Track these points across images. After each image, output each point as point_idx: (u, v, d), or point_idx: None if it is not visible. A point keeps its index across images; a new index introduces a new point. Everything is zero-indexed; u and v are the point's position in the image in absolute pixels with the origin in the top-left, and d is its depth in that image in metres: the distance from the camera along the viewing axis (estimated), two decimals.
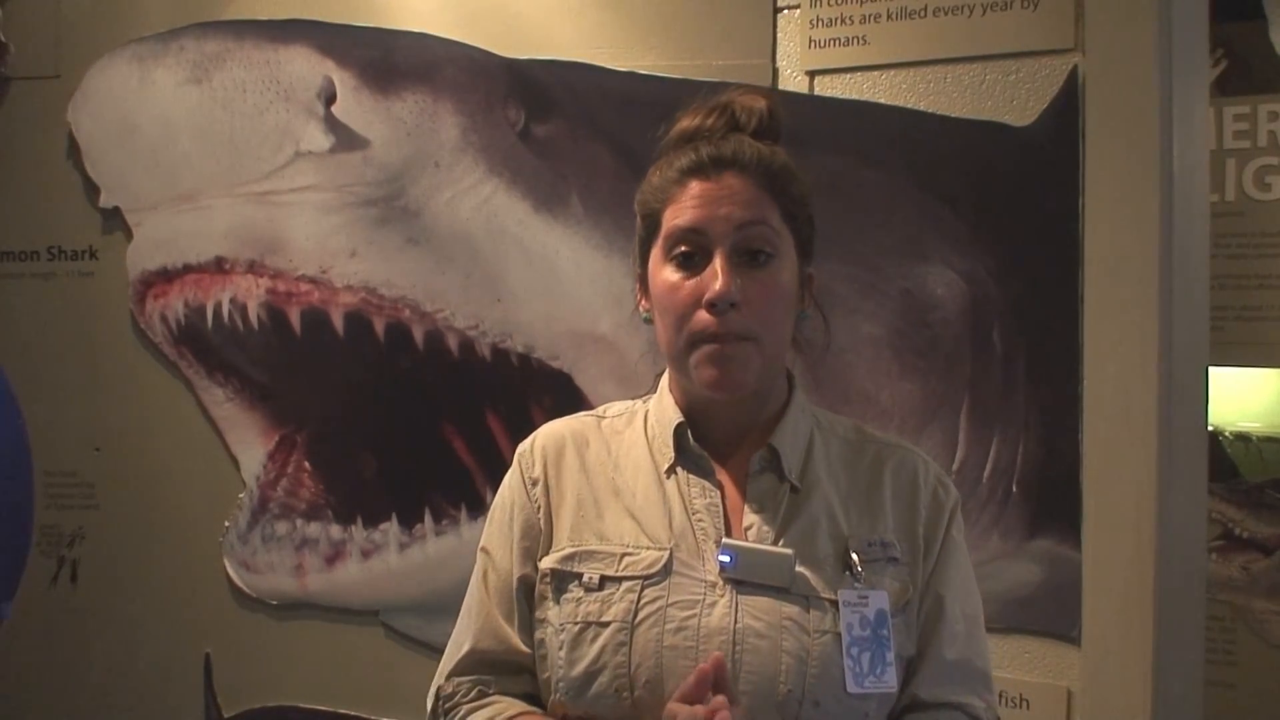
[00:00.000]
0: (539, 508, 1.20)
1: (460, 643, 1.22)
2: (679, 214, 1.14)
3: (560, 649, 1.13)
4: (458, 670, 1.21)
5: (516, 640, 1.19)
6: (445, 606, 2.13)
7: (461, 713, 1.18)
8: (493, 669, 1.20)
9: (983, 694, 1.17)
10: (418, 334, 2.13)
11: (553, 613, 1.16)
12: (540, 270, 2.09)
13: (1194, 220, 1.87)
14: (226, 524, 2.28)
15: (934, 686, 1.15)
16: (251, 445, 2.27)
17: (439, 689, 1.21)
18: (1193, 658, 1.89)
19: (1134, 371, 1.77)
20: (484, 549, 1.24)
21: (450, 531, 2.15)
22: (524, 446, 1.25)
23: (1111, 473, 1.78)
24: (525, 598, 1.19)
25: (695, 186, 1.15)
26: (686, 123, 1.22)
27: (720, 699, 1.01)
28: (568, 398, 2.06)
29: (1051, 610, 1.84)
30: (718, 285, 1.10)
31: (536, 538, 1.20)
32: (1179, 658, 1.80)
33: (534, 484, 1.21)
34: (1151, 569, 1.74)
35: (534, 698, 1.19)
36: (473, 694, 1.19)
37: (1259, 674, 3.35)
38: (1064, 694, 1.82)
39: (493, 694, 1.19)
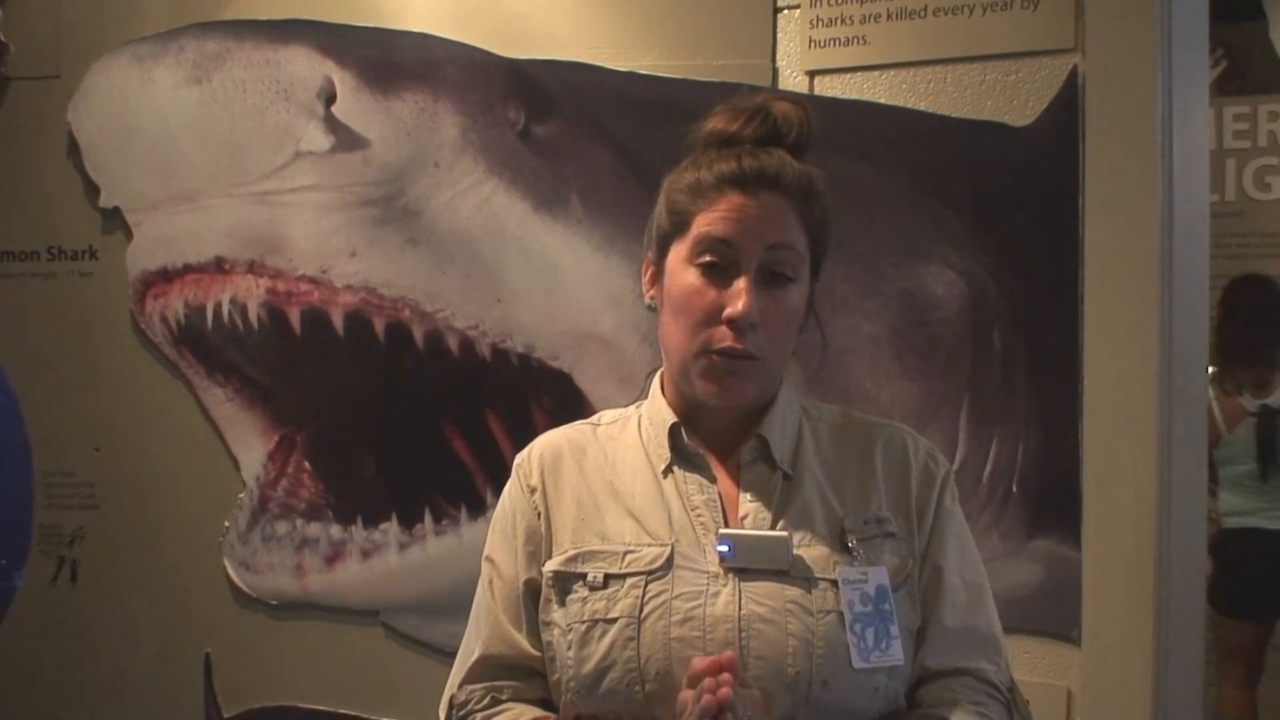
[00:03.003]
0: (539, 514, 1.21)
1: (470, 651, 1.22)
2: (712, 222, 1.14)
3: (569, 649, 1.14)
4: (470, 678, 1.21)
5: (526, 644, 1.19)
6: (445, 606, 2.15)
7: None
8: (505, 674, 1.20)
9: (991, 657, 1.18)
10: (418, 334, 2.13)
11: (558, 614, 1.16)
12: (540, 270, 2.09)
13: (1194, 220, 1.87)
14: (226, 524, 2.28)
15: (939, 655, 1.16)
16: (251, 445, 2.27)
17: (452, 698, 1.22)
18: (1193, 658, 1.89)
19: (1134, 371, 1.77)
20: (488, 558, 1.25)
21: (450, 531, 2.15)
22: (521, 456, 1.27)
23: (1111, 473, 1.78)
24: (532, 602, 1.20)
25: (733, 198, 1.14)
26: (724, 125, 1.20)
27: (726, 675, 1.02)
28: (568, 398, 2.07)
29: (1051, 610, 1.84)
30: (741, 305, 1.12)
31: (539, 542, 1.21)
32: (1179, 658, 1.80)
33: (532, 491, 1.23)
34: (1151, 569, 1.75)
35: (548, 702, 1.20)
36: (486, 700, 1.20)
37: None
38: (1064, 694, 1.82)
39: (506, 700, 1.19)
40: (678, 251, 1.17)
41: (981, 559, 1.24)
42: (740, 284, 1.12)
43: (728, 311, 1.12)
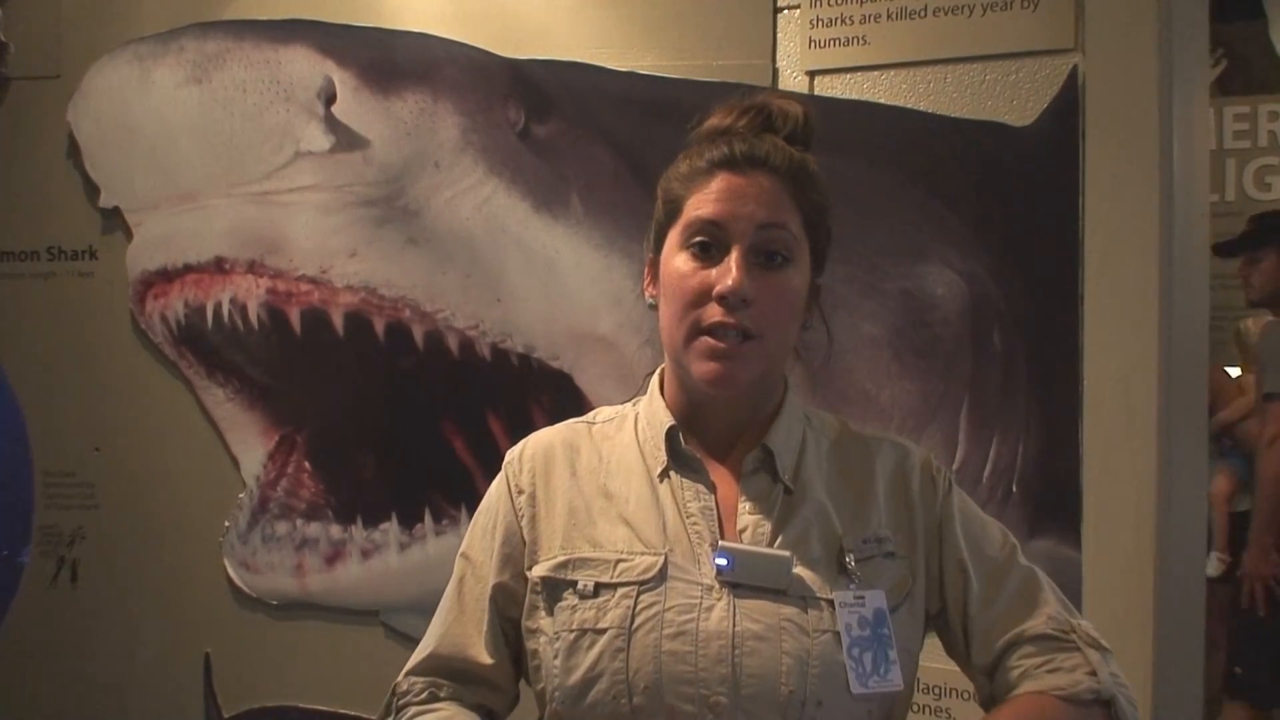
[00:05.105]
0: (522, 517, 1.19)
1: (426, 644, 1.22)
2: (702, 204, 1.13)
3: (555, 658, 1.11)
4: (416, 670, 1.20)
5: (478, 649, 1.18)
6: None
7: (409, 713, 1.18)
8: (448, 674, 1.19)
9: (1031, 610, 1.15)
10: (418, 334, 2.13)
11: (546, 622, 1.14)
12: (540, 270, 2.09)
13: (1194, 220, 1.87)
14: (226, 524, 2.28)
15: (986, 647, 1.14)
16: (251, 445, 2.27)
17: (396, 684, 1.21)
18: (1193, 658, 1.89)
19: (1134, 371, 1.77)
20: (464, 554, 1.23)
21: (450, 531, 2.15)
22: (512, 454, 1.24)
23: (1111, 473, 1.78)
24: (498, 606, 1.19)
25: (723, 179, 1.13)
26: (719, 120, 1.20)
27: None
28: (568, 398, 2.06)
29: None
30: (730, 280, 1.09)
31: (517, 546, 1.19)
32: (1179, 658, 1.80)
33: (519, 493, 1.20)
34: (1151, 569, 1.75)
35: (489, 710, 1.19)
36: (423, 696, 1.18)
37: None
38: None
39: (444, 698, 1.18)
40: (671, 238, 1.16)
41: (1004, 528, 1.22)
42: (730, 261, 1.10)
43: (718, 288, 1.09)
